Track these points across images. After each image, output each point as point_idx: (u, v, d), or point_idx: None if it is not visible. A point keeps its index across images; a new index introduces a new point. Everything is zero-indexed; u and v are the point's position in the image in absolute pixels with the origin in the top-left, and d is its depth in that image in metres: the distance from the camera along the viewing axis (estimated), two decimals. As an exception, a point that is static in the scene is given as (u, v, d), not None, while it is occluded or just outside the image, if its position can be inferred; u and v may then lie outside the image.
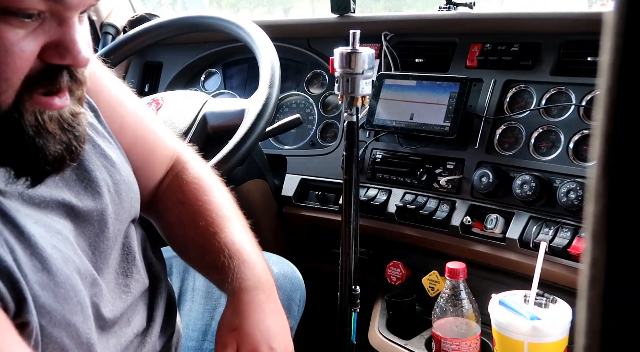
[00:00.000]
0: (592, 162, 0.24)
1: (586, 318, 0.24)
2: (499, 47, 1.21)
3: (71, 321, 0.60)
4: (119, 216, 0.73)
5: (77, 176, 0.68)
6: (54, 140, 0.56)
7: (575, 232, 1.02)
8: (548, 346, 0.93)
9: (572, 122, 1.10)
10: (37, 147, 0.55)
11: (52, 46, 0.54)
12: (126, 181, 0.75)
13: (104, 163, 0.72)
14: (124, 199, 0.75)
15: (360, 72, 0.82)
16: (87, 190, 0.69)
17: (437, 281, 1.17)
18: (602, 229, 0.23)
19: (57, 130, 0.56)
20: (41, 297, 0.57)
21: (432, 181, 1.21)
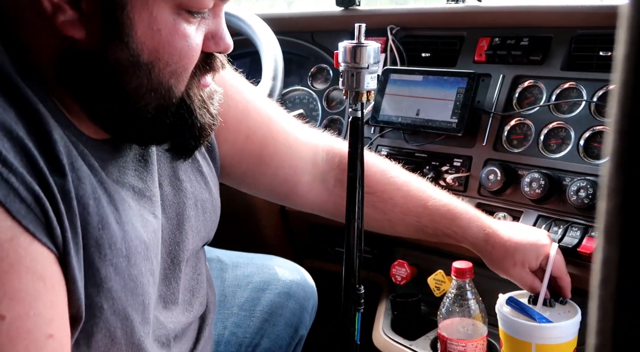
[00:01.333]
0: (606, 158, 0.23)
1: (598, 317, 0.24)
2: (508, 42, 1.18)
3: (130, 316, 0.61)
4: (199, 232, 0.76)
5: (170, 181, 0.72)
6: (209, 114, 0.65)
7: (585, 232, 1.00)
8: (556, 347, 0.91)
9: (583, 118, 1.07)
10: (198, 121, 0.64)
11: (209, 37, 0.62)
12: (213, 202, 0.79)
13: (197, 178, 0.76)
14: (207, 218, 0.78)
15: (366, 67, 0.79)
16: (175, 197, 0.72)
17: (443, 281, 1.14)
18: (615, 226, 0.23)
19: (209, 105, 0.66)
20: (111, 280, 0.59)
21: (439, 178, 1.18)
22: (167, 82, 0.60)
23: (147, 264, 0.64)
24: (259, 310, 1.02)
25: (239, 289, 1.04)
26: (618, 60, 0.22)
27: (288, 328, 1.02)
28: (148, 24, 0.57)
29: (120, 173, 0.64)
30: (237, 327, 0.99)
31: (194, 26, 0.60)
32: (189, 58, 0.60)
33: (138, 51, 0.58)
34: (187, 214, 0.73)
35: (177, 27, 0.58)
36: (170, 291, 0.72)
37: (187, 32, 0.59)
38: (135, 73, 0.58)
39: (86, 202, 0.57)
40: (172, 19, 0.58)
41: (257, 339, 0.99)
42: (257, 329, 1.00)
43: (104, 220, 0.58)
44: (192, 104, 0.63)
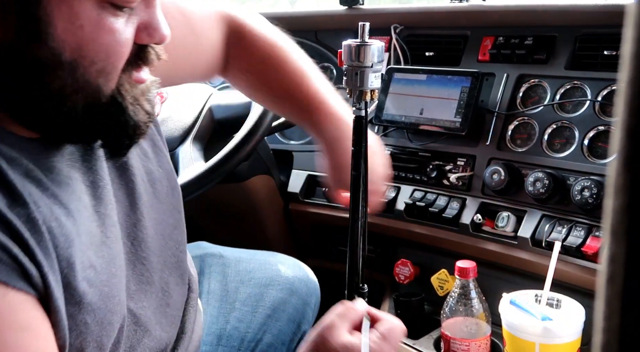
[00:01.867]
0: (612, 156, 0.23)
1: (604, 315, 0.24)
2: (512, 41, 1.18)
3: (111, 320, 0.61)
4: (153, 207, 0.72)
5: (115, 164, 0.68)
6: (143, 111, 0.61)
7: (589, 231, 0.99)
8: (560, 347, 0.91)
9: (587, 118, 1.07)
10: (132, 119, 0.60)
11: (142, 28, 0.58)
12: (161, 173, 0.75)
13: (138, 153, 0.72)
14: (159, 190, 0.74)
15: (370, 65, 0.79)
16: (122, 177, 0.69)
17: (447, 280, 1.14)
18: (622, 224, 0.23)
19: (143, 102, 0.61)
20: (88, 294, 0.58)
21: (442, 178, 1.18)
22: (94, 81, 0.55)
23: (117, 262, 0.63)
24: (262, 306, 1.01)
25: (242, 284, 1.04)
26: (625, 58, 0.22)
27: (291, 324, 1.02)
28: (69, 20, 0.52)
29: (69, 168, 0.61)
30: (239, 322, 0.99)
31: (122, 19, 0.55)
32: (118, 55, 0.56)
33: (59, 49, 0.53)
34: (138, 192, 0.70)
35: (102, 22, 0.54)
36: (137, 273, 0.69)
37: (114, 27, 0.54)
38: (57, 73, 0.54)
39: (49, 224, 0.54)
40: (96, 14, 0.53)
41: (260, 335, 0.99)
42: (259, 324, 1.00)
43: (68, 237, 0.56)
44: (123, 101, 0.59)
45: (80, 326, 0.57)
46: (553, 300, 0.95)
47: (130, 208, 0.69)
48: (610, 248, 0.23)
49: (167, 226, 0.75)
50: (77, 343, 0.57)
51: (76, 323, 0.57)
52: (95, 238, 0.61)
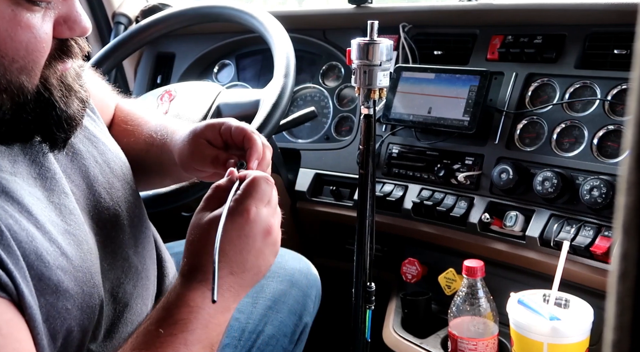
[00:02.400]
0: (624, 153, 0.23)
1: (615, 312, 0.24)
2: (521, 39, 1.17)
3: (90, 303, 0.61)
4: (113, 186, 0.73)
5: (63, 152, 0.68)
6: (76, 100, 0.61)
7: (598, 231, 0.99)
8: (568, 347, 0.91)
9: (597, 117, 1.06)
10: (64, 112, 0.59)
11: (61, 22, 0.57)
12: (113, 152, 0.76)
13: (86, 135, 0.72)
14: (115, 168, 0.75)
15: (378, 64, 0.79)
16: (72, 163, 0.69)
17: (454, 279, 1.14)
18: (634, 221, 0.23)
19: (77, 90, 0.61)
20: (64, 281, 0.58)
21: (450, 177, 1.18)
22: (16, 80, 0.54)
23: (84, 246, 0.63)
24: (262, 297, 1.02)
25: None
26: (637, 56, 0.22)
27: (292, 315, 1.02)
28: None
29: (13, 164, 0.60)
30: (240, 313, 0.99)
31: (39, 14, 0.54)
32: (38, 51, 0.55)
33: None
34: (92, 174, 0.70)
35: (17, 19, 0.52)
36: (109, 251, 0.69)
37: (30, 23, 0.53)
38: None
39: (6, 222, 0.54)
40: (11, 11, 0.52)
41: (261, 326, 0.99)
42: (260, 315, 1.00)
43: (29, 231, 0.56)
44: (51, 96, 0.58)
45: (62, 313, 0.58)
46: (561, 300, 0.95)
47: (88, 191, 0.69)
48: (621, 245, 0.23)
49: (129, 203, 0.76)
50: (62, 330, 0.58)
51: (57, 311, 0.57)
52: (59, 227, 0.61)
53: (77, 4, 0.58)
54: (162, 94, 1.30)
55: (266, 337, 0.98)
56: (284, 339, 0.99)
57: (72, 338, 0.60)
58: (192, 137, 0.78)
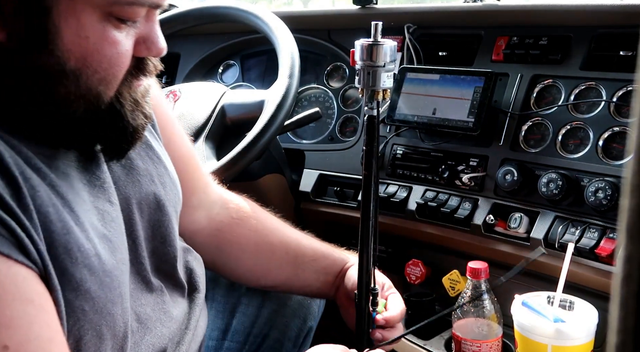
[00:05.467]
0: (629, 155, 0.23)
1: (619, 315, 0.24)
2: (526, 41, 1.17)
3: (111, 310, 0.61)
4: (160, 207, 0.74)
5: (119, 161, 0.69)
6: (142, 114, 0.64)
7: (603, 233, 0.98)
8: (572, 349, 0.90)
9: (602, 118, 1.06)
10: (130, 124, 0.62)
11: (140, 41, 0.60)
12: (170, 175, 0.77)
13: (148, 153, 0.74)
14: (169, 192, 0.76)
15: (382, 65, 0.79)
16: (128, 177, 0.70)
17: (458, 281, 1.14)
18: (638, 223, 0.23)
19: (143, 105, 0.64)
20: (87, 281, 0.58)
21: (454, 178, 1.18)
22: (95, 89, 0.58)
23: (117, 255, 0.63)
24: (268, 301, 1.02)
25: None
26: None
27: (297, 319, 1.02)
28: (75, 31, 0.54)
29: (66, 166, 0.62)
30: (245, 317, 0.99)
31: (124, 32, 0.58)
32: (119, 65, 0.59)
33: (64, 59, 0.55)
34: (144, 191, 0.71)
35: (106, 34, 0.56)
36: (134, 272, 0.70)
37: (116, 39, 0.57)
38: (62, 81, 0.56)
39: (46, 210, 0.55)
40: (101, 26, 0.56)
41: (266, 330, 0.99)
42: (265, 319, 1.00)
43: (66, 224, 0.57)
44: (122, 108, 0.61)
45: (77, 313, 0.58)
46: (566, 302, 0.94)
47: (137, 207, 0.70)
48: (625, 248, 0.23)
49: (168, 230, 0.76)
50: (74, 330, 0.58)
51: (73, 309, 0.57)
52: (98, 230, 0.62)
53: (157, 25, 0.62)
54: (167, 94, 1.30)
55: (271, 341, 0.98)
56: (288, 343, 0.99)
57: (84, 343, 0.59)
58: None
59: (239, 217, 0.96)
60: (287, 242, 0.97)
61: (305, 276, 0.96)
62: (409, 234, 1.23)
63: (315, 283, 0.96)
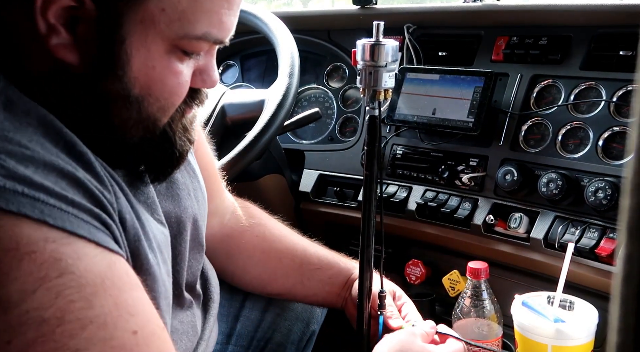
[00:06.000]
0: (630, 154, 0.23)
1: (620, 314, 0.24)
2: (526, 41, 1.17)
3: (165, 320, 0.63)
4: (196, 222, 0.76)
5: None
6: (187, 140, 0.66)
7: (603, 233, 0.98)
8: (572, 349, 0.90)
9: (602, 118, 1.06)
10: (178, 150, 0.65)
11: (197, 73, 0.63)
12: (202, 189, 0.79)
13: (186, 168, 0.76)
14: (201, 206, 0.78)
15: (384, 65, 0.79)
16: (168, 190, 0.72)
17: (458, 281, 1.14)
18: (638, 223, 0.23)
19: (191, 132, 0.67)
20: (152, 290, 0.61)
21: (454, 178, 1.18)
22: (154, 116, 0.60)
23: (165, 268, 0.65)
24: (271, 305, 1.02)
25: None
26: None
27: (300, 323, 1.02)
28: (144, 60, 0.57)
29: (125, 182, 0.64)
30: (248, 321, 0.99)
31: (185, 63, 0.60)
32: (179, 95, 0.61)
33: (130, 85, 0.57)
34: (183, 205, 0.73)
35: (170, 65, 0.58)
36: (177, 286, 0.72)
37: (179, 70, 0.59)
38: (125, 106, 0.58)
39: (124, 216, 0.58)
40: (167, 57, 0.58)
41: (270, 334, 0.99)
42: (269, 323, 1.00)
43: (137, 232, 0.59)
44: (173, 136, 0.64)
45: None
46: (566, 302, 0.94)
47: (175, 220, 0.72)
48: (626, 247, 0.23)
49: (198, 243, 0.78)
50: None
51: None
52: (156, 240, 0.64)
53: (214, 59, 0.64)
54: (167, 94, 1.30)
55: (274, 345, 0.98)
56: (291, 347, 0.99)
57: None
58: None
59: (248, 224, 0.97)
60: (294, 250, 0.97)
61: (311, 284, 0.97)
62: (409, 234, 1.23)
63: (320, 292, 0.97)
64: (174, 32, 0.57)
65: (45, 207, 0.49)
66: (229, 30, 0.62)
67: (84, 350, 0.48)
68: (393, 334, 0.82)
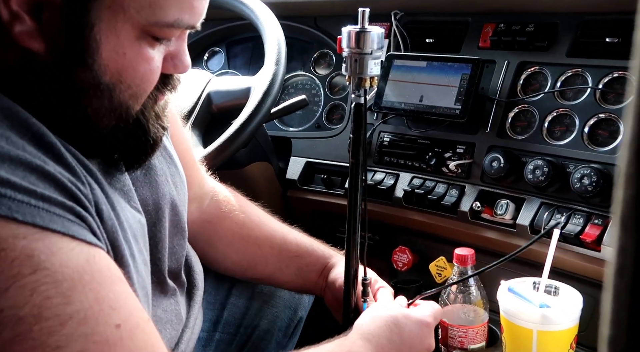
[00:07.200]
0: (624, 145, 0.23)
1: (612, 308, 0.23)
2: (513, 27, 1.17)
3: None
4: (175, 207, 0.75)
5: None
6: (162, 127, 0.65)
7: (588, 219, 0.99)
8: (557, 334, 0.91)
9: (588, 105, 1.06)
10: (152, 137, 0.64)
11: (169, 58, 0.62)
12: (180, 174, 0.78)
13: (163, 153, 0.75)
14: (180, 192, 0.77)
15: (369, 52, 0.79)
16: (146, 177, 0.71)
17: (445, 267, 1.15)
18: (632, 215, 0.22)
19: (163, 119, 0.66)
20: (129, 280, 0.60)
21: (441, 165, 1.18)
22: (125, 103, 0.59)
23: (140, 257, 0.64)
24: (258, 292, 1.02)
25: None
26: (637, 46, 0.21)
27: (287, 310, 1.02)
28: (114, 47, 0.56)
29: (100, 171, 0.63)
30: (235, 308, 0.99)
31: (157, 49, 0.59)
32: (150, 82, 0.60)
33: (101, 73, 0.56)
34: (161, 192, 0.72)
35: (141, 51, 0.58)
36: (159, 274, 0.72)
37: (150, 56, 0.59)
38: (96, 94, 0.57)
39: (100, 207, 0.57)
40: (138, 43, 0.57)
41: (257, 321, 0.99)
42: (256, 310, 1.00)
43: (114, 223, 0.58)
44: (146, 123, 0.63)
45: None
46: (551, 287, 0.95)
47: (153, 207, 0.71)
48: (619, 240, 0.23)
49: (179, 229, 0.77)
50: None
51: None
52: (132, 230, 0.63)
53: (185, 43, 0.63)
54: (152, 81, 1.28)
55: (261, 332, 0.98)
56: (278, 333, 0.99)
57: None
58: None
59: (227, 210, 0.96)
60: (273, 237, 0.97)
61: (289, 271, 0.96)
62: (396, 221, 1.24)
63: (297, 280, 0.97)
64: (145, 19, 0.56)
65: (13, 203, 0.48)
66: (201, 15, 0.61)
67: (65, 347, 0.47)
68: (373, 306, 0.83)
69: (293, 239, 0.98)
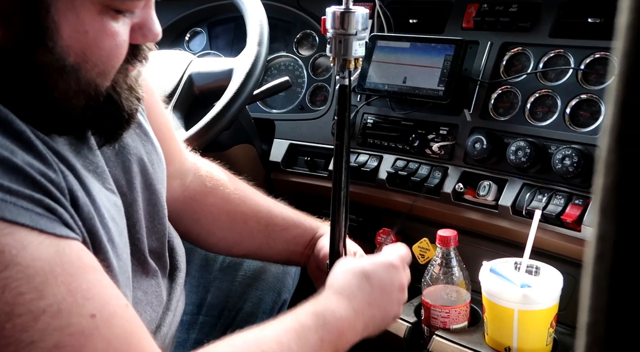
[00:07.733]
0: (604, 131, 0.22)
1: (591, 294, 0.23)
2: (496, 8, 1.17)
3: (124, 293, 0.62)
4: (148, 187, 0.73)
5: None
6: (135, 98, 0.63)
7: (569, 200, 1.00)
8: (538, 313, 0.93)
9: (570, 86, 1.07)
10: (126, 111, 0.62)
11: (136, 28, 0.59)
12: (158, 152, 0.76)
13: (136, 131, 0.73)
14: (156, 169, 0.75)
15: (354, 33, 0.78)
16: (118, 156, 0.69)
17: (428, 249, 1.15)
18: (612, 202, 0.22)
19: (137, 90, 0.64)
20: (108, 266, 0.59)
21: (425, 147, 1.18)
22: (94, 82, 0.57)
23: (122, 240, 0.64)
24: (241, 274, 1.02)
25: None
26: (620, 28, 0.21)
27: (271, 292, 1.02)
28: (74, 27, 0.54)
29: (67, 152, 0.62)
30: (219, 291, 0.99)
31: (121, 22, 0.57)
32: (118, 57, 0.58)
33: (64, 55, 0.54)
34: (133, 171, 0.71)
35: (104, 27, 0.55)
36: (139, 255, 0.71)
37: (114, 30, 0.56)
38: (61, 77, 0.55)
39: (75, 195, 0.56)
40: (100, 19, 0.55)
41: (240, 303, 0.99)
42: (239, 293, 1.00)
43: (90, 209, 0.57)
44: (119, 98, 0.61)
45: None
46: (532, 267, 0.96)
47: (127, 187, 0.70)
48: (599, 226, 0.23)
49: (158, 208, 0.76)
50: None
51: None
52: (109, 213, 0.62)
53: (153, 11, 0.60)
54: (132, 62, 1.26)
55: (245, 315, 0.98)
56: (262, 316, 1.00)
57: None
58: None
59: (211, 186, 0.95)
60: (259, 211, 0.96)
61: (276, 245, 0.96)
62: (380, 203, 1.24)
63: (284, 252, 0.96)
64: None
65: None
66: None
67: (39, 341, 0.47)
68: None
69: (279, 213, 0.97)
